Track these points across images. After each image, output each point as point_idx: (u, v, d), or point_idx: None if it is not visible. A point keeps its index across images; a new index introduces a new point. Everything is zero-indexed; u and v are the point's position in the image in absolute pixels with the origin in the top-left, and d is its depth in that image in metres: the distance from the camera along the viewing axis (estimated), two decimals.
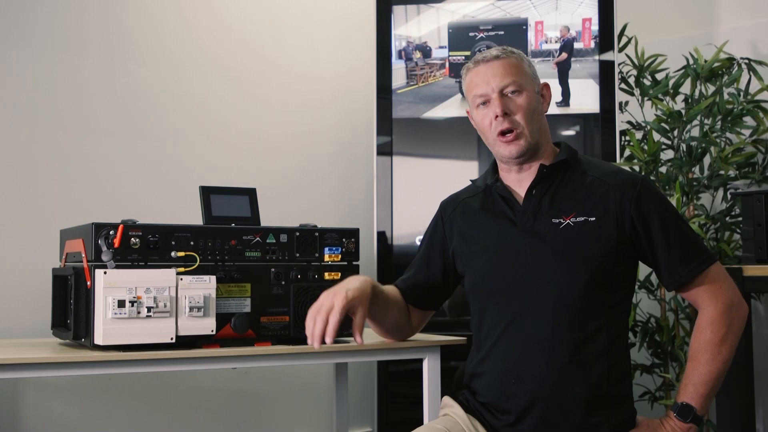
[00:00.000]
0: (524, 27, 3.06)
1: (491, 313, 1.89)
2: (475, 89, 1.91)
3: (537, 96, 1.92)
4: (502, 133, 1.87)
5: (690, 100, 3.05)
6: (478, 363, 1.90)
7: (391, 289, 2.06)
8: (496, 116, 1.87)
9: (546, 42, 3.06)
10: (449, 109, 3.09)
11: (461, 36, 3.11)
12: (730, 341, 1.80)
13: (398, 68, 3.13)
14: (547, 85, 1.97)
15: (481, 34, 3.08)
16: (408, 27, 3.15)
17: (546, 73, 3.00)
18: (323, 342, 1.75)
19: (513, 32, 3.06)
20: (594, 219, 1.83)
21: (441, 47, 3.12)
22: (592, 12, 3.03)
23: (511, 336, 1.85)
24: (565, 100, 3.03)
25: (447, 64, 3.11)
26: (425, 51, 3.12)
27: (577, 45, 3.04)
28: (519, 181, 1.93)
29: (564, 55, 3.03)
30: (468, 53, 3.07)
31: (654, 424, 1.83)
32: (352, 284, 1.84)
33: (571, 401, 1.78)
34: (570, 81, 3.04)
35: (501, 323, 1.86)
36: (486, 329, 1.90)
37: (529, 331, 1.82)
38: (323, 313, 1.77)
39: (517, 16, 3.08)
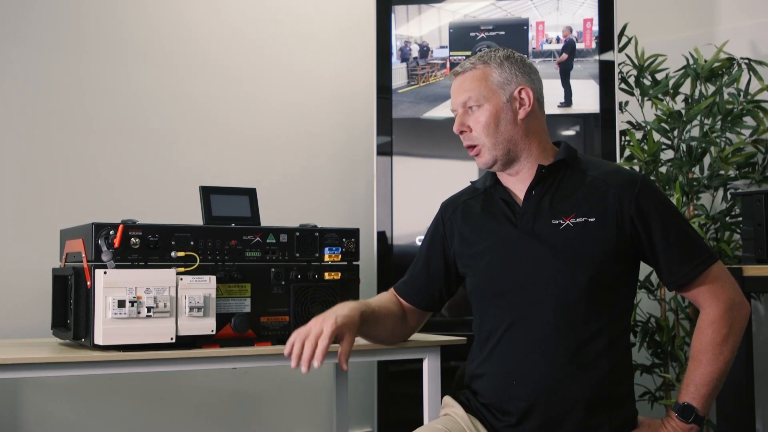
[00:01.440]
0: (525, 27, 3.06)
1: (492, 315, 1.89)
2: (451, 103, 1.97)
3: (506, 104, 1.88)
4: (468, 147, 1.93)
5: (690, 100, 3.05)
6: (480, 364, 1.90)
7: (383, 301, 2.05)
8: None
9: (548, 42, 3.06)
10: (449, 109, 3.08)
11: (462, 36, 3.10)
12: (732, 341, 1.80)
13: (399, 68, 3.13)
14: (524, 89, 1.89)
15: (482, 34, 3.07)
16: (408, 27, 3.15)
17: (548, 73, 3.00)
18: (311, 366, 1.74)
19: (514, 32, 3.06)
20: (594, 219, 1.83)
21: (442, 47, 3.12)
22: (593, 12, 3.03)
23: (512, 337, 1.84)
24: (567, 101, 3.03)
25: (448, 64, 3.11)
26: (422, 51, 3.12)
27: (578, 46, 3.03)
28: (517, 183, 1.92)
29: (565, 56, 3.03)
30: (468, 53, 3.07)
31: (655, 425, 1.83)
32: (341, 311, 1.83)
33: (572, 402, 1.78)
34: (571, 81, 3.03)
35: (502, 325, 1.86)
36: (487, 330, 1.90)
37: (530, 333, 1.82)
38: (312, 338, 1.74)
39: (518, 16, 3.08)
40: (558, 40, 3.04)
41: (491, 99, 1.88)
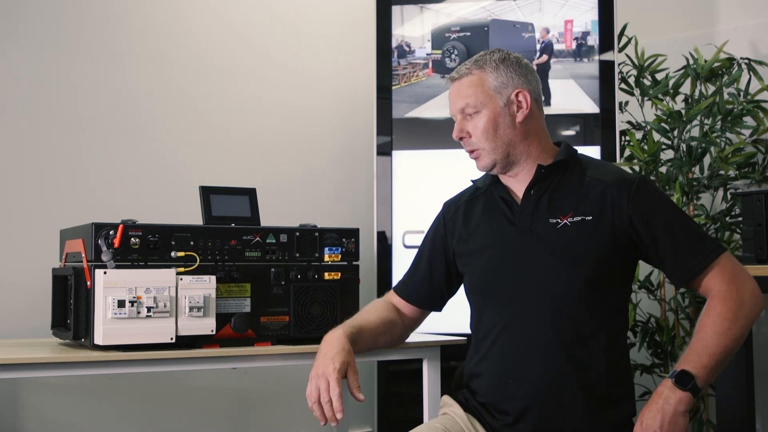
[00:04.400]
0: (485, 29, 3.07)
1: (489, 313, 1.89)
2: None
3: (503, 109, 1.88)
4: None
5: (690, 100, 3.05)
6: (477, 363, 1.90)
7: (371, 312, 2.06)
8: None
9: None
10: (433, 108, 3.09)
11: (440, 36, 3.13)
12: (743, 320, 1.72)
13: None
14: (521, 92, 1.88)
15: (453, 35, 3.10)
16: (403, 27, 3.15)
17: None
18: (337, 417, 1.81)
19: (477, 35, 3.08)
20: (591, 218, 1.83)
21: (425, 47, 3.14)
22: (574, 14, 3.05)
23: (510, 336, 1.85)
24: (546, 101, 3.04)
25: (430, 64, 3.12)
26: (401, 51, 3.12)
27: (558, 47, 3.05)
28: (517, 182, 1.93)
29: (545, 57, 3.05)
30: (440, 52, 3.10)
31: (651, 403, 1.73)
32: (331, 351, 1.85)
33: (569, 402, 1.78)
34: (551, 81, 3.04)
35: (499, 323, 1.86)
36: (484, 329, 1.90)
37: (528, 332, 1.82)
38: (325, 395, 1.80)
39: (505, 18, 3.09)
40: (537, 41, 3.06)
41: (488, 104, 1.88)
